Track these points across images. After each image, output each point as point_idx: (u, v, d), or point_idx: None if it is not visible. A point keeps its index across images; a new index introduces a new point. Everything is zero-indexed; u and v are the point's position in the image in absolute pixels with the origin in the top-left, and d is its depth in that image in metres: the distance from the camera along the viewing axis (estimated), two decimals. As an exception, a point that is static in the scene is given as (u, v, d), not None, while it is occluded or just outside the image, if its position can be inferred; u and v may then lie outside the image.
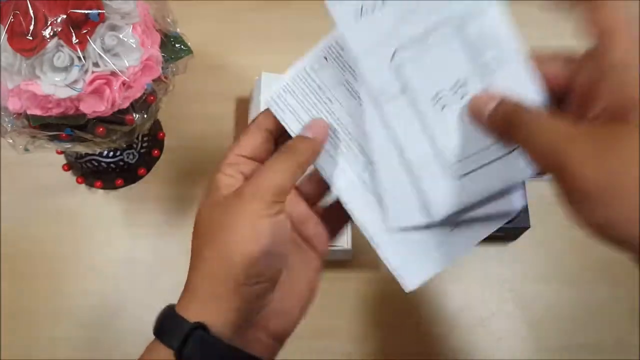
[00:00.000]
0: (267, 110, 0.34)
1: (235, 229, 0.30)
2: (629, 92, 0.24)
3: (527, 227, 0.57)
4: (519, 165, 0.29)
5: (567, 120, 0.25)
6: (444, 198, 0.32)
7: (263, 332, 0.33)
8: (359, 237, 0.38)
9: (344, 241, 0.55)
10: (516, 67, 0.29)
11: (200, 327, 0.29)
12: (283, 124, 0.34)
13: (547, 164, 0.25)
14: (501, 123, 0.28)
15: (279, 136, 0.35)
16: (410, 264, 0.34)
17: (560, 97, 0.29)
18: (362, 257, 0.59)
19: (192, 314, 0.30)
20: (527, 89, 0.29)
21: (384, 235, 0.34)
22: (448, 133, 0.30)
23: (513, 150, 0.29)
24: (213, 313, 0.30)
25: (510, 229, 0.57)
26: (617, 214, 0.23)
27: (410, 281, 0.34)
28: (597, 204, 0.23)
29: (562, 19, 0.66)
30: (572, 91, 0.28)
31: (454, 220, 0.33)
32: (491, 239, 0.58)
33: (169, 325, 0.31)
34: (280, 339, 0.34)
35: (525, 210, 0.57)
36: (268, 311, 0.33)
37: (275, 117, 0.34)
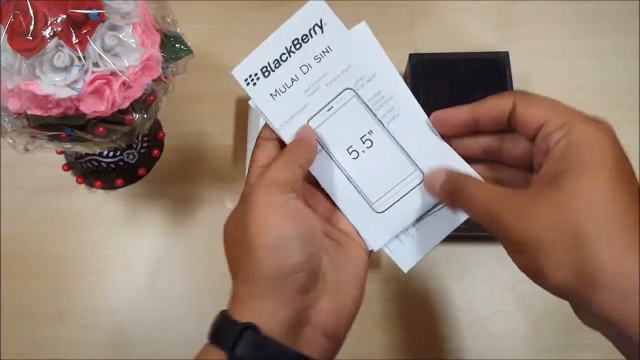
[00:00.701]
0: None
1: (251, 225, 0.31)
2: (563, 165, 0.29)
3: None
4: (428, 195, 0.36)
5: (494, 185, 0.32)
6: (375, 232, 0.36)
7: (318, 332, 0.33)
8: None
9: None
10: (409, 114, 0.36)
11: (250, 327, 0.30)
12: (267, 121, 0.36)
13: (487, 223, 0.30)
14: (447, 194, 0.34)
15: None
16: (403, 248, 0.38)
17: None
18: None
19: (242, 316, 0.31)
20: (423, 133, 0.35)
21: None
22: (365, 176, 0.36)
23: (421, 182, 0.36)
24: (260, 313, 0.31)
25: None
26: (547, 263, 0.27)
27: (405, 263, 0.38)
28: (530, 254, 0.28)
29: (561, 20, 0.66)
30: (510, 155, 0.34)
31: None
32: (491, 239, 0.59)
33: (221, 328, 0.31)
34: (335, 339, 0.34)
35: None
36: (319, 310, 0.33)
37: None
